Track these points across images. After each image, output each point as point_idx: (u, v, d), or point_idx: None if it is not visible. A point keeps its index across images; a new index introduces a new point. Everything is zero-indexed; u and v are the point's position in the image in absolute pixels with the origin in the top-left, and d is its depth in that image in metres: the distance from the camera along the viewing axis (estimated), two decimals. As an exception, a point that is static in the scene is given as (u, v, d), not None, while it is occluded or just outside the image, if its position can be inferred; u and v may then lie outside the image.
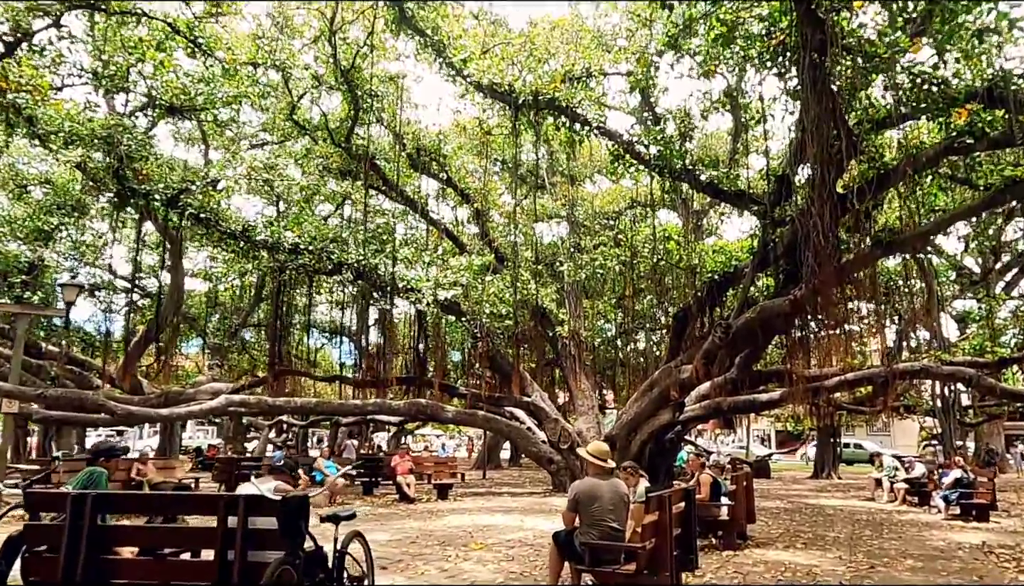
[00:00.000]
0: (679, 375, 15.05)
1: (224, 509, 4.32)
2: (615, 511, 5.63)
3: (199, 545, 4.80)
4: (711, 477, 9.23)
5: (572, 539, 5.68)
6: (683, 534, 6.33)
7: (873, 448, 38.45)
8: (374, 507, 14.15)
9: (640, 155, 14.70)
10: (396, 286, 17.34)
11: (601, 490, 5.67)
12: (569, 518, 5.79)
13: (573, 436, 18.38)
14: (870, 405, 19.89)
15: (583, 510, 5.65)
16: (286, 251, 17.41)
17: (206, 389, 22.22)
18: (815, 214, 10.55)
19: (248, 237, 17.08)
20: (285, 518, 4.29)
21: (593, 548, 5.48)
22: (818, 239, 10.05)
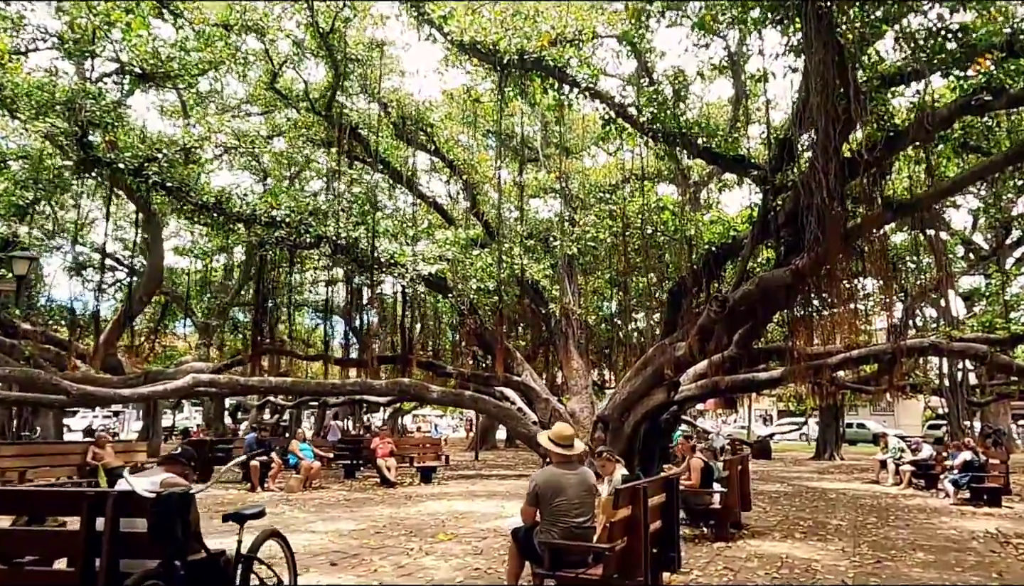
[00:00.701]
0: (673, 353, 14.21)
1: (89, 509, 3.52)
2: (582, 505, 4.83)
3: (59, 552, 3.99)
4: (702, 461, 8.44)
5: (532, 537, 4.89)
6: (663, 529, 5.54)
7: (877, 428, 37.72)
8: (351, 491, 13.43)
9: (632, 119, 13.77)
10: (378, 261, 16.51)
11: (565, 481, 4.87)
12: (529, 514, 5.00)
13: (564, 416, 17.61)
14: (875, 384, 19.05)
15: (544, 504, 4.86)
16: (262, 224, 16.58)
17: (186, 369, 21.53)
18: (819, 173, 9.68)
19: (222, 209, 16.22)
20: (157, 519, 3.48)
21: (554, 548, 4.69)
22: (822, 202, 9.18)
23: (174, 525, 3.47)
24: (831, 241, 8.91)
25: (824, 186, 9.38)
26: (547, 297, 20.96)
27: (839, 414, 26.52)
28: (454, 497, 12.71)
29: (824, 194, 8.93)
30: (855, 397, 29.78)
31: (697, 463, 8.39)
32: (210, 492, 12.88)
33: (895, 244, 21.98)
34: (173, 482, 3.82)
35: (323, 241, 16.09)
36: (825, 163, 9.79)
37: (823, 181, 9.50)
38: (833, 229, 8.93)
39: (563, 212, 23.27)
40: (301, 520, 9.56)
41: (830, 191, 8.97)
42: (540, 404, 17.79)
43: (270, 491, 13.06)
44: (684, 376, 17.53)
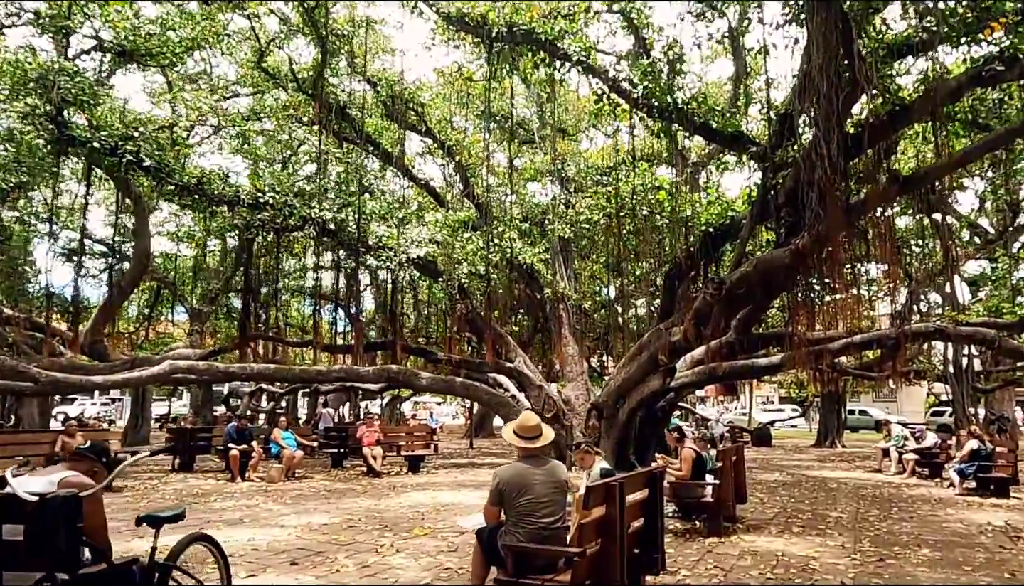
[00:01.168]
0: (669, 338, 13.70)
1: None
2: (551, 504, 4.34)
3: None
4: (693, 452, 7.94)
5: (497, 539, 4.41)
6: (646, 528, 5.05)
7: (879, 415, 37.25)
8: (334, 482, 12.99)
9: (627, 94, 13.18)
10: (366, 244, 15.99)
11: (532, 478, 4.38)
12: (492, 514, 4.51)
13: (558, 404, 17.15)
14: (878, 370, 18.54)
15: (508, 503, 4.36)
16: (246, 206, 16.05)
17: (172, 355, 21.09)
18: (821, 145, 9.13)
19: (203, 191, 15.69)
20: (35, 525, 2.99)
21: (519, 552, 4.20)
22: (824, 176, 8.63)
23: (56, 532, 2.98)
24: (832, 218, 8.36)
25: (826, 159, 8.83)
26: (542, 282, 20.46)
27: (841, 401, 26.02)
28: (440, 488, 12.26)
29: (826, 166, 8.37)
30: (857, 383, 29.34)
31: (688, 453, 7.90)
32: (188, 483, 12.48)
33: (900, 228, 21.42)
34: (73, 482, 3.33)
35: (307, 223, 15.59)
36: (827, 133, 9.25)
37: (825, 154, 8.95)
38: (834, 205, 8.38)
39: (559, 195, 22.73)
40: (273, 513, 9.11)
41: (832, 164, 8.43)
42: (533, 391, 17.32)
43: (250, 481, 12.62)
44: (681, 362, 17.05)
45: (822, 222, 8.79)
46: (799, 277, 11.36)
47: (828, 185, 8.25)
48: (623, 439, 15.96)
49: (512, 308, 21.89)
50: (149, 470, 14.51)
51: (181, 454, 14.40)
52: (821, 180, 8.92)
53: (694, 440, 9.06)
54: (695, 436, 9.17)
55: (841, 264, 9.60)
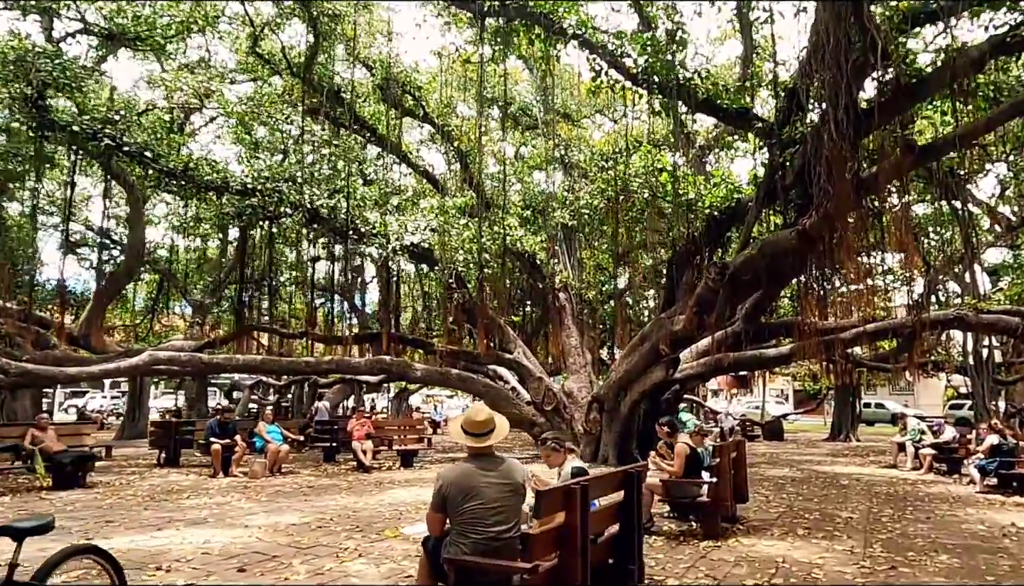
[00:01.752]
0: (671, 327, 13.07)
1: None
2: (503, 510, 3.74)
3: None
4: (687, 447, 7.30)
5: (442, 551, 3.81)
6: (621, 536, 4.44)
7: (895, 408, 36.33)
8: (320, 477, 12.46)
9: (626, 70, 12.51)
10: (357, 230, 15.43)
11: (481, 480, 3.78)
12: (435, 522, 3.90)
13: (559, 396, 16.56)
14: (894, 361, 17.77)
15: (453, 509, 3.76)
16: (234, 192, 15.54)
17: (166, 346, 20.70)
18: (830, 119, 8.43)
19: (190, 176, 15.19)
20: None
21: (461, 567, 3.61)
22: (831, 147, 7.93)
23: None
24: (840, 193, 7.68)
25: (833, 129, 8.13)
26: (545, 270, 19.84)
27: (855, 393, 25.21)
28: (428, 484, 11.66)
29: (833, 135, 7.67)
30: (873, 376, 28.49)
31: (681, 449, 7.26)
32: (168, 478, 12.02)
33: (918, 215, 20.58)
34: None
35: (296, 209, 15.05)
36: (837, 104, 8.55)
37: (833, 126, 8.26)
38: (842, 179, 7.68)
39: (562, 181, 22.06)
40: (243, 512, 8.58)
41: (840, 133, 7.72)
42: (532, 383, 16.74)
43: (233, 477, 12.13)
44: (686, 353, 16.39)
45: (830, 199, 8.10)
46: (808, 262, 10.65)
47: (835, 156, 7.54)
48: (625, 433, 15.35)
49: (515, 298, 21.23)
50: (135, 465, 14.08)
51: (167, 449, 13.92)
52: (829, 152, 8.24)
53: (692, 435, 8.42)
54: (695, 430, 8.51)
55: (852, 247, 8.85)
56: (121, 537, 6.96)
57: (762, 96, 13.48)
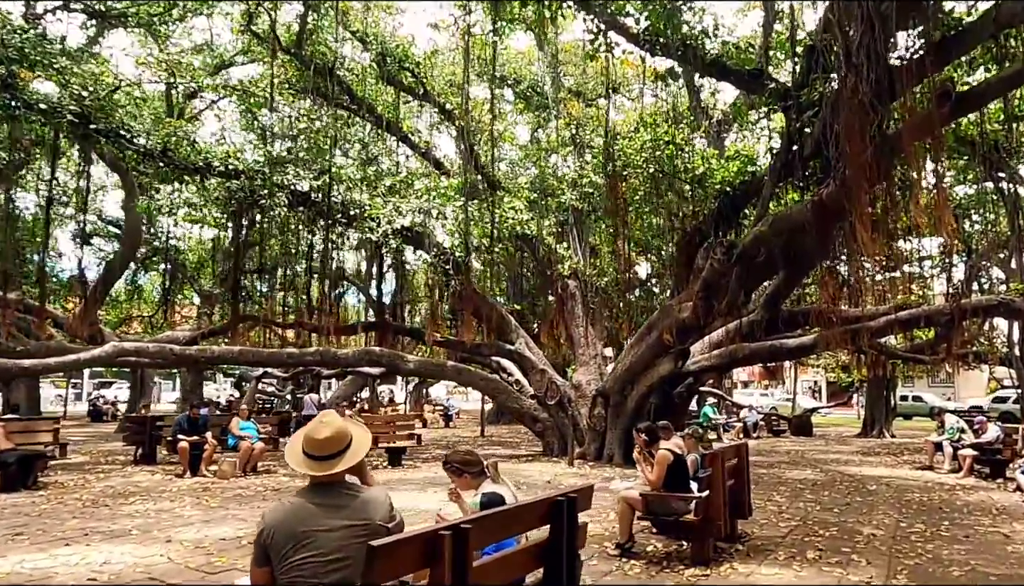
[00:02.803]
0: (678, 315, 11.89)
1: None
2: (348, 564, 2.67)
3: None
4: (669, 454, 6.15)
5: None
6: (548, 582, 3.35)
7: (934, 401, 34.49)
8: (295, 478, 11.55)
9: (626, 30, 11.30)
10: (345, 213, 14.50)
11: (318, 523, 2.72)
12: (259, 578, 2.82)
13: (562, 390, 15.46)
14: (931, 353, 16.30)
15: (278, 563, 2.70)
16: (216, 174, 14.70)
17: (163, 337, 20.06)
18: (848, 71, 7.17)
19: (169, 157, 14.37)
20: None
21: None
22: (849, 101, 6.69)
23: None
24: (856, 150, 6.40)
25: (855, 81, 6.87)
26: (554, 257, 18.72)
27: (890, 386, 23.61)
28: (408, 486, 10.73)
29: (853, 84, 6.42)
30: (910, 367, 26.85)
31: (663, 456, 6.11)
32: (131, 479, 11.23)
33: (958, 195, 18.99)
34: None
35: (280, 191, 14.15)
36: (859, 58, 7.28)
37: (854, 77, 6.99)
38: (857, 135, 6.42)
39: (574, 162, 20.85)
40: (178, 522, 7.66)
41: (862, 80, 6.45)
42: (535, 375, 15.66)
43: (203, 476, 11.29)
44: (699, 344, 15.16)
45: (848, 162, 6.85)
46: (828, 241, 9.39)
47: (851, 106, 6.28)
48: (632, 430, 14.19)
49: (520, 286, 20.14)
50: (108, 463, 13.35)
51: (142, 445, 13.15)
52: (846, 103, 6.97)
53: (685, 438, 7.28)
54: (688, 434, 7.38)
55: (867, 218, 7.55)
56: (16, 555, 6.08)
57: (779, 58, 12.10)
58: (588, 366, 17.46)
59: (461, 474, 3.98)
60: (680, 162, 12.63)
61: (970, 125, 14.56)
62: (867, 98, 6.55)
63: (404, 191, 15.58)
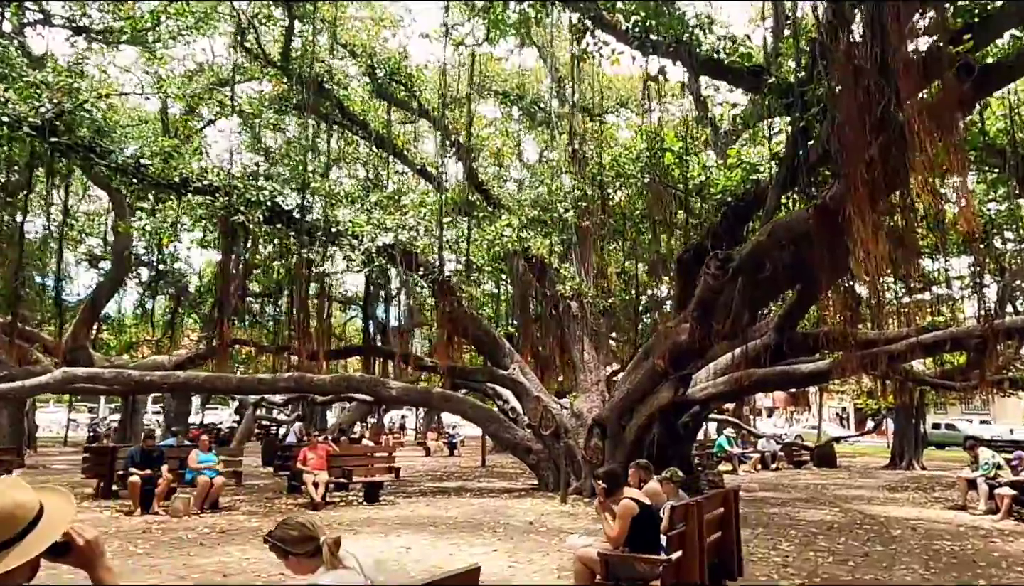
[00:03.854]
0: (676, 337, 10.80)
1: None
2: None
3: None
4: (634, 505, 5.07)
5: None
6: None
7: (968, 429, 32.60)
8: (251, 518, 10.57)
9: (614, 27, 10.39)
10: (324, 229, 13.67)
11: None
12: None
13: (559, 419, 14.37)
14: (962, 379, 14.95)
15: None
16: (192, 191, 13.99)
17: (148, 362, 19.36)
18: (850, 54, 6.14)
19: (142, 173, 13.69)
20: None
21: None
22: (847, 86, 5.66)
23: None
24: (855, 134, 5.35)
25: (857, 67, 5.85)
26: (555, 277, 17.74)
27: (919, 414, 22.11)
28: (374, 527, 9.70)
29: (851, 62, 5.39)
30: (942, 394, 25.30)
31: (627, 506, 5.02)
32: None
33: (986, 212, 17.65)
34: None
35: (255, 207, 13.36)
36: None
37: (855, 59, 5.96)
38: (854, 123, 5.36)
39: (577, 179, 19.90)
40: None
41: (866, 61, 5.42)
42: (529, 403, 14.60)
43: (155, 514, 10.37)
44: (705, 370, 14.03)
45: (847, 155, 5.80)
46: (836, 252, 8.27)
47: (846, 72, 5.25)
48: (632, 463, 13.01)
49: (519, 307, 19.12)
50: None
51: (103, 478, 12.29)
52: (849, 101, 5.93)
53: (663, 482, 6.19)
54: (666, 476, 6.30)
55: (876, 226, 6.41)
56: None
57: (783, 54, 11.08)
58: (590, 393, 16.36)
59: (286, 555, 2.97)
60: (679, 171, 11.60)
61: (999, 133, 13.41)
62: (871, 79, 5.52)
63: (391, 207, 14.74)
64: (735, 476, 18.84)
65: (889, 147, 5.82)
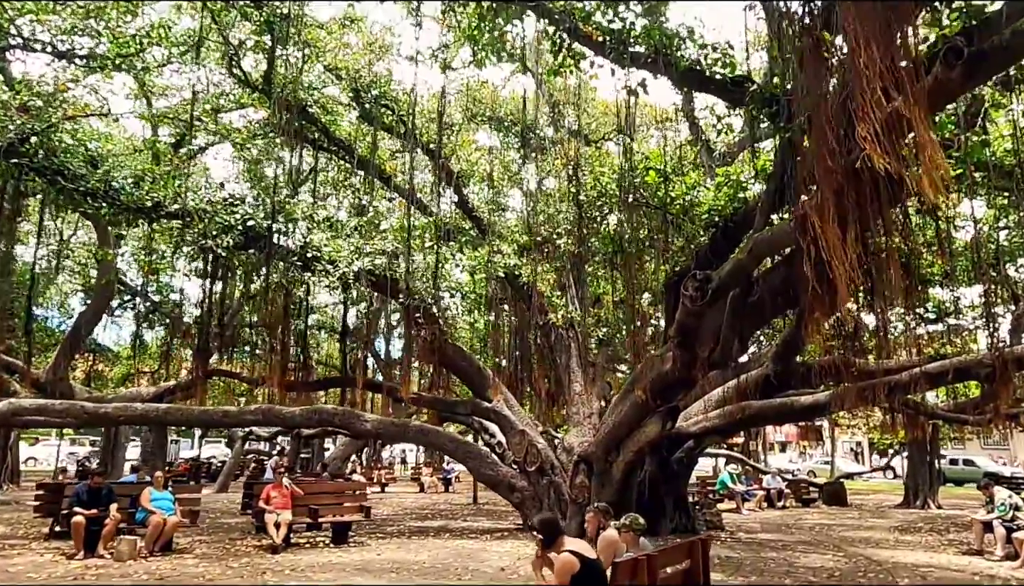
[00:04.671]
0: (660, 367, 10.06)
1: None
2: None
3: None
4: (575, 560, 4.31)
5: None
6: None
7: (990, 466, 31.32)
8: (200, 562, 9.81)
9: (589, 37, 9.86)
10: (298, 255, 13.11)
11: None
12: None
13: (544, 453, 13.56)
14: (975, 412, 14.05)
15: None
16: (164, 215, 13.52)
17: (126, 394, 18.79)
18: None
19: (111, 197, 13.24)
20: None
21: None
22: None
23: None
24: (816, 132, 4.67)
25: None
26: (547, 305, 17.09)
27: (933, 450, 21.05)
28: (330, 573, 8.93)
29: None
30: (955, 428, 24.25)
31: (565, 563, 4.28)
32: (8, 561, 9.64)
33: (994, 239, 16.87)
34: None
35: (225, 232, 12.83)
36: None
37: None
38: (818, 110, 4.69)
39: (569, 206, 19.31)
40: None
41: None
42: (514, 438, 13.79)
43: (100, 557, 9.65)
44: (699, 403, 13.29)
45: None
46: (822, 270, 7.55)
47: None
48: (620, 503, 12.00)
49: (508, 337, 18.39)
50: (16, 536, 11.82)
51: (57, 517, 11.57)
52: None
53: (622, 530, 5.44)
54: (626, 523, 5.54)
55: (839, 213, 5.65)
56: None
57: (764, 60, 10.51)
58: (582, 427, 15.58)
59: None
60: (663, 190, 10.95)
61: (1006, 154, 12.73)
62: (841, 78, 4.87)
63: (371, 231, 14.20)
64: (738, 515, 17.86)
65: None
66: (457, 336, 16.09)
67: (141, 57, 17.09)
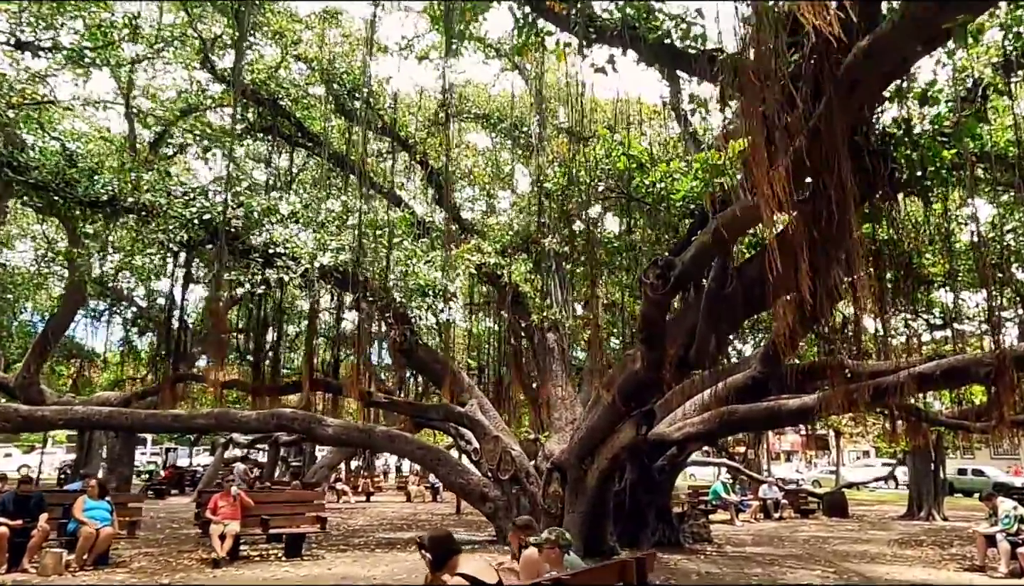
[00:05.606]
0: (631, 366, 9.30)
1: None
2: None
3: None
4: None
5: None
6: None
7: (997, 476, 30.24)
8: (136, 574, 9.11)
9: (551, 11, 9.16)
10: (266, 252, 12.44)
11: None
12: None
13: (518, 461, 12.82)
14: (977, 419, 13.19)
15: None
16: (120, 210, 12.89)
17: (95, 398, 18.16)
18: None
19: (64, 190, 12.62)
20: None
21: None
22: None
23: None
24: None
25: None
26: (529, 306, 16.41)
27: (938, 458, 20.13)
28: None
29: None
30: (962, 435, 23.31)
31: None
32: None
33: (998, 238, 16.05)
34: None
35: (183, 227, 12.19)
36: None
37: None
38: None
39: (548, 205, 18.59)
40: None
41: None
42: (487, 444, 13.06)
43: (24, 572, 8.95)
44: (683, 407, 12.49)
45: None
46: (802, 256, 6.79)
47: None
48: (596, 513, 11.32)
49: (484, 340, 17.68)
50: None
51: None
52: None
53: (543, 547, 4.70)
54: (551, 538, 4.81)
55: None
56: None
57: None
58: (563, 432, 14.77)
59: None
60: (639, 178, 10.19)
61: (1009, 144, 11.96)
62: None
63: (338, 225, 13.52)
64: (730, 527, 17.00)
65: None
66: (431, 338, 15.38)
67: (113, 51, 16.54)
